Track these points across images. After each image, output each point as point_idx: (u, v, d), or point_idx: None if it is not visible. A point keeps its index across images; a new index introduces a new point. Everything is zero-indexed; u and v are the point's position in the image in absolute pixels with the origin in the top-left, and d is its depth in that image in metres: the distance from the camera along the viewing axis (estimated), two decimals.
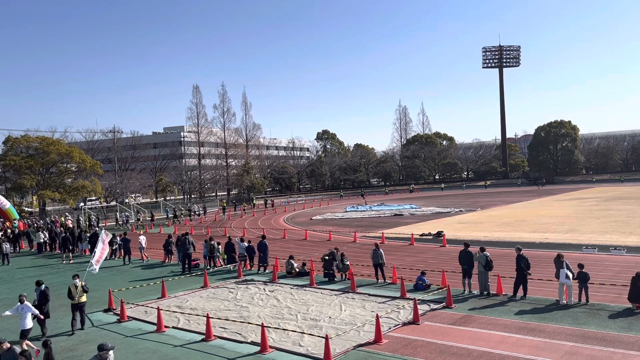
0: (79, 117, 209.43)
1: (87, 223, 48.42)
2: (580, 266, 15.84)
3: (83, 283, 15.44)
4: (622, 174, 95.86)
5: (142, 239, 28.61)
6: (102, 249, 18.95)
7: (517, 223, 36.98)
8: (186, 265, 24.41)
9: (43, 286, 15.27)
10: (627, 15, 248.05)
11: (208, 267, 24.50)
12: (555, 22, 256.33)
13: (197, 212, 58.87)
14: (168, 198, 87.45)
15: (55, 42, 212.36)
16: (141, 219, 56.27)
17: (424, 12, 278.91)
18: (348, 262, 20.71)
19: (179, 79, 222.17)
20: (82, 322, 15.30)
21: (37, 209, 63.77)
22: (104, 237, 19.57)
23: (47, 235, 36.01)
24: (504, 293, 16.96)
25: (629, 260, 21.53)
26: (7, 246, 31.33)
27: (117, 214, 54.86)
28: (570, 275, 15.41)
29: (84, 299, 15.27)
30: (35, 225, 47.08)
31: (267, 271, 23.09)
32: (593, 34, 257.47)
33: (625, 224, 33.43)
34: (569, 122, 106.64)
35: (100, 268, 26.35)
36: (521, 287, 16.47)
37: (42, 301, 14.96)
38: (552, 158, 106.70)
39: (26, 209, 65.78)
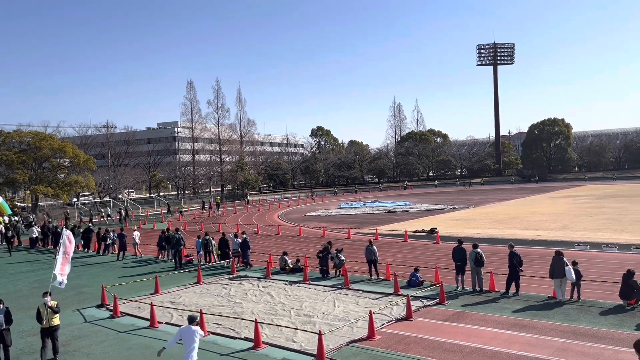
0: (72, 112, 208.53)
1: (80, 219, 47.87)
2: (574, 263, 15.93)
3: (54, 303, 12.54)
4: (614, 172, 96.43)
5: (136, 234, 28.52)
6: (66, 253, 14.50)
7: (510, 220, 37.15)
8: (177, 260, 24.46)
9: (2, 305, 12.34)
10: (621, 15, 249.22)
11: (203, 262, 24.49)
12: (550, 20, 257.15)
13: (123, 216, 50.19)
14: (162, 194, 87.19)
15: (48, 36, 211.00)
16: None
17: (419, 8, 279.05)
18: (343, 258, 20.76)
19: (173, 75, 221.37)
20: (54, 350, 12.36)
21: (30, 204, 63.44)
22: (67, 237, 14.82)
23: (39, 230, 35.83)
24: (496, 289, 17.05)
25: (620, 258, 21.69)
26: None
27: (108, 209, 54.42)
28: (573, 272, 15.46)
29: (56, 321, 12.41)
30: (30, 220, 46.76)
31: (251, 267, 23.11)
32: (587, 33, 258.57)
33: (617, 221, 33.66)
34: (563, 120, 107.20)
35: (93, 264, 26.60)
36: (513, 283, 16.57)
37: (7, 324, 12.20)
38: (546, 156, 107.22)
39: (19, 204, 65.42)
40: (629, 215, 36.65)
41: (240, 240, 24.17)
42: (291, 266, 21.88)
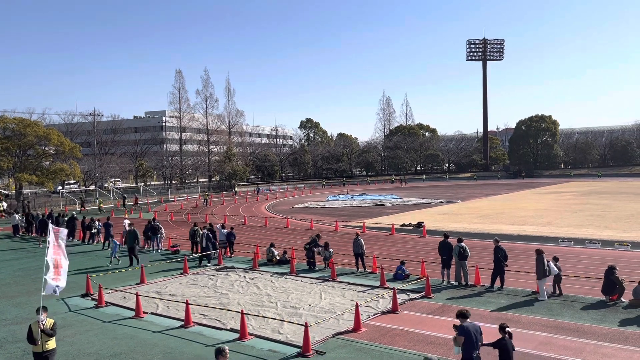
0: (58, 98, 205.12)
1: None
2: (555, 259, 16.11)
3: (51, 321, 10.22)
4: (599, 169, 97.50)
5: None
6: (56, 249, 11.32)
7: (496, 215, 37.46)
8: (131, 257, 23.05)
9: None
10: (611, 12, 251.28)
11: (192, 253, 24.33)
12: (539, 18, 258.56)
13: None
14: (148, 183, 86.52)
15: (34, 21, 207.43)
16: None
17: (410, 2, 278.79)
18: (332, 250, 20.83)
19: (161, 63, 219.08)
20: None
21: (14, 192, 62.60)
22: (54, 235, 11.43)
23: (23, 218, 35.40)
24: (481, 284, 17.21)
25: (603, 254, 21.99)
26: None
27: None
28: (554, 266, 15.59)
29: (51, 345, 10.08)
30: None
31: (210, 263, 22.38)
32: (575, 31, 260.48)
33: (601, 218, 34.10)
34: (550, 116, 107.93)
35: (78, 253, 26.34)
36: (498, 278, 16.73)
37: None
38: (532, 152, 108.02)
39: (3, 191, 64.57)
40: (612, 212, 37.15)
41: (227, 231, 24.18)
42: (278, 258, 21.89)
